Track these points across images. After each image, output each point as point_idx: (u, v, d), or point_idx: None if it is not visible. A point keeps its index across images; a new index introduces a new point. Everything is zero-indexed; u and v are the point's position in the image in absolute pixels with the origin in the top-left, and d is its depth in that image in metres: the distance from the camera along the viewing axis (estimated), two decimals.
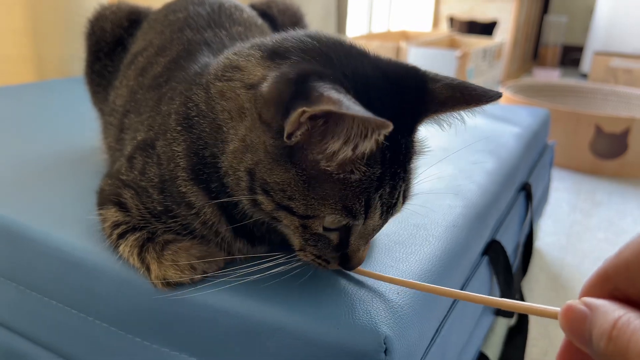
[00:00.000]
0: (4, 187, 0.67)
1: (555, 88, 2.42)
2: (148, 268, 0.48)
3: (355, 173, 0.39)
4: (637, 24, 3.49)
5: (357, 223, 0.42)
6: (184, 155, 0.47)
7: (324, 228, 0.42)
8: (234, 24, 0.63)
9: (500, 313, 0.82)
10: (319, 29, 0.47)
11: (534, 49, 4.35)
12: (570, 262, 1.29)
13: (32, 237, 0.56)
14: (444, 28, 3.81)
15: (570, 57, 4.19)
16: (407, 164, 0.42)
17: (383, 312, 0.43)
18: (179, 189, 0.47)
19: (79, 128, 0.89)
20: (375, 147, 0.38)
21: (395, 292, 0.46)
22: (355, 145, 0.36)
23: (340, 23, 2.70)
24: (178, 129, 0.48)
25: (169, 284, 0.47)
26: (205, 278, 0.47)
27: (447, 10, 3.82)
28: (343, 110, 0.33)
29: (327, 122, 0.37)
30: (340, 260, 0.44)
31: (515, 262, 0.91)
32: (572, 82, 2.62)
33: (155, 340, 0.50)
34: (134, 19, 0.74)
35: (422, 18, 3.95)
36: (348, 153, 0.37)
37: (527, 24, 3.91)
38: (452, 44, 3.27)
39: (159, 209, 0.49)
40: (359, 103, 0.35)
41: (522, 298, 0.98)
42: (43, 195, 0.64)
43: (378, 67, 0.43)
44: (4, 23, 1.25)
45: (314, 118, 0.36)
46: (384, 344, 0.40)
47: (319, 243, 0.43)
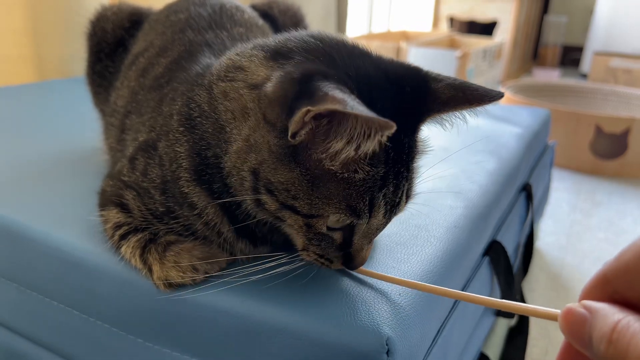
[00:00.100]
0: (4, 187, 0.67)
1: (555, 88, 2.42)
2: (150, 269, 0.48)
3: (359, 172, 0.39)
4: (637, 24, 3.49)
5: (361, 222, 0.42)
6: (187, 156, 0.47)
7: (328, 227, 0.42)
8: (235, 25, 0.64)
9: (501, 314, 0.82)
10: (319, 29, 0.47)
11: (534, 49, 4.35)
12: (571, 262, 1.29)
13: (32, 237, 0.56)
14: (444, 28, 3.81)
15: (570, 57, 4.19)
16: (410, 163, 0.43)
17: (385, 312, 0.43)
18: (181, 190, 0.47)
19: (79, 128, 0.89)
20: (379, 147, 0.38)
21: (397, 292, 0.46)
22: (359, 145, 0.36)
23: (341, 23, 2.70)
24: (180, 130, 0.48)
25: (171, 285, 0.47)
26: (207, 279, 0.47)
27: (447, 11, 3.82)
28: (347, 110, 0.33)
29: (331, 121, 0.37)
30: (344, 260, 0.44)
31: (516, 262, 0.91)
32: (572, 82, 2.62)
33: (157, 341, 0.50)
34: (135, 20, 0.74)
35: (422, 18, 3.95)
36: (351, 152, 0.37)
37: (527, 24, 3.91)
38: (452, 44, 3.27)
39: (161, 210, 0.49)
40: (362, 103, 0.35)
41: (522, 298, 0.98)
42: (43, 196, 0.64)
43: (380, 67, 0.43)
44: (4, 23, 1.25)
45: (318, 117, 0.36)
46: (386, 345, 0.40)
47: (323, 242, 0.43)
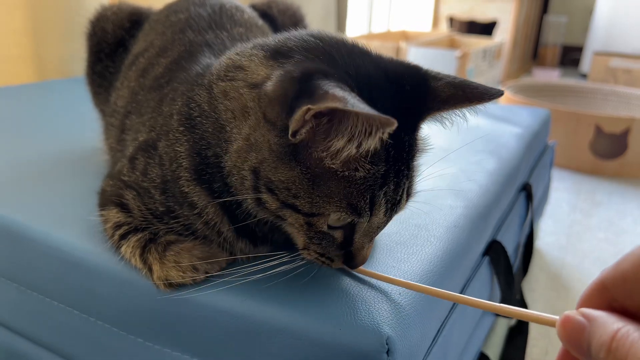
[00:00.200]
0: (4, 187, 0.67)
1: (555, 88, 2.42)
2: (150, 269, 0.48)
3: (360, 171, 0.39)
4: (636, 24, 3.49)
5: (361, 220, 0.42)
6: (187, 156, 0.47)
7: (329, 226, 0.42)
8: (235, 25, 0.64)
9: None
10: (319, 29, 0.47)
11: (534, 49, 4.35)
12: (570, 262, 1.29)
13: (32, 237, 0.56)
14: (444, 28, 3.82)
15: (570, 57, 4.19)
16: (410, 162, 0.43)
17: (385, 312, 0.43)
18: (182, 189, 0.47)
19: (79, 128, 0.89)
20: (380, 145, 0.38)
21: (398, 292, 0.46)
22: (360, 143, 0.36)
23: (340, 23, 2.70)
24: (180, 130, 0.48)
25: (171, 285, 0.47)
26: (207, 278, 0.47)
27: (446, 11, 3.82)
28: (348, 108, 0.33)
29: (331, 120, 0.37)
30: (345, 259, 0.44)
31: (516, 262, 0.92)
32: (571, 82, 2.62)
33: (157, 341, 0.50)
34: (135, 20, 0.74)
35: (421, 18, 3.95)
36: (352, 151, 0.37)
37: (526, 24, 3.91)
38: (451, 44, 3.27)
39: (161, 210, 0.49)
40: (363, 101, 0.35)
41: (522, 298, 0.98)
42: (43, 195, 0.64)
43: (380, 65, 0.43)
44: (4, 23, 1.25)
45: (319, 116, 0.36)
46: (386, 345, 0.40)
47: (324, 241, 0.43)
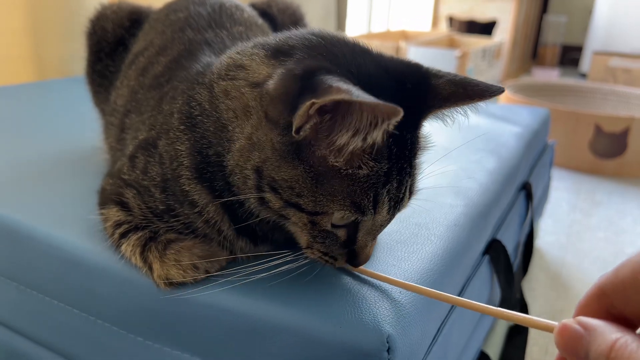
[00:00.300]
0: (4, 187, 0.67)
1: (555, 88, 2.42)
2: (150, 267, 0.48)
3: (363, 168, 0.39)
4: (636, 24, 3.50)
5: (365, 219, 0.42)
6: (188, 154, 0.47)
7: (332, 225, 0.42)
8: (235, 24, 0.64)
9: None
10: (320, 28, 0.47)
11: (533, 49, 4.35)
12: (570, 261, 1.29)
13: (32, 236, 0.56)
14: (444, 28, 3.82)
15: (570, 56, 4.19)
16: (412, 159, 0.43)
17: (386, 311, 0.43)
18: (182, 188, 0.47)
19: (79, 128, 0.89)
20: (383, 140, 0.38)
21: (398, 290, 0.46)
22: (365, 136, 0.36)
23: (340, 22, 2.70)
24: (181, 128, 0.48)
25: (172, 284, 0.47)
26: (209, 278, 0.47)
27: (446, 10, 3.82)
28: (354, 98, 0.33)
29: (334, 117, 0.37)
30: (348, 257, 0.44)
31: (516, 261, 0.92)
32: (571, 81, 2.63)
33: (157, 340, 0.50)
34: (135, 19, 0.74)
35: (421, 18, 3.96)
36: (358, 143, 0.37)
37: (526, 24, 3.91)
38: (451, 44, 3.27)
39: (161, 208, 0.49)
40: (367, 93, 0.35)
41: (522, 297, 0.98)
42: (43, 195, 0.64)
43: (381, 64, 0.43)
44: (4, 23, 1.24)
45: (322, 112, 0.37)
46: (387, 343, 0.40)
47: (327, 240, 0.43)
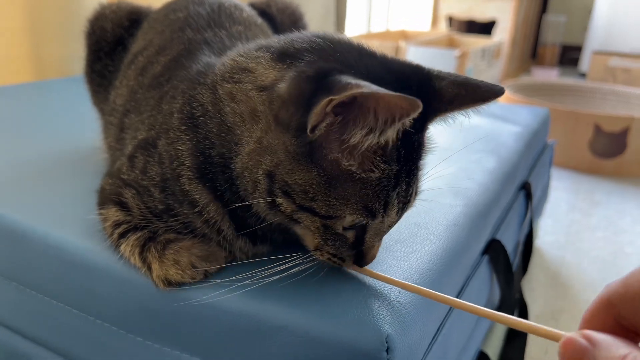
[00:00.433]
0: (4, 187, 0.66)
1: (554, 87, 2.42)
2: (149, 267, 0.48)
3: (375, 171, 0.39)
4: (635, 24, 3.49)
5: (375, 222, 0.42)
6: (189, 155, 0.47)
7: (343, 227, 0.42)
8: (234, 24, 0.64)
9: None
10: (318, 28, 0.47)
11: (533, 49, 4.35)
12: (570, 261, 1.29)
13: (32, 236, 0.56)
14: (443, 27, 3.81)
15: (569, 56, 4.19)
16: (418, 161, 0.43)
17: (385, 310, 0.43)
18: (183, 187, 0.47)
19: (79, 128, 0.89)
20: (395, 140, 0.38)
21: (398, 290, 0.46)
22: (380, 134, 0.37)
23: (340, 22, 2.70)
24: (182, 128, 0.48)
25: (171, 283, 0.47)
26: (207, 277, 0.47)
27: (446, 10, 3.82)
28: (374, 91, 0.33)
29: (346, 117, 0.37)
30: (355, 258, 0.45)
31: (515, 260, 0.92)
32: (570, 81, 2.63)
33: (157, 340, 0.50)
34: (135, 19, 0.74)
35: (421, 17, 3.95)
36: (373, 141, 0.37)
37: (525, 24, 3.91)
38: (451, 44, 3.27)
39: (160, 208, 0.49)
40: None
41: (522, 297, 0.98)
42: (43, 195, 0.64)
43: (387, 66, 0.43)
44: (4, 23, 1.24)
45: (336, 113, 0.37)
46: (386, 343, 0.40)
47: (337, 242, 0.43)
